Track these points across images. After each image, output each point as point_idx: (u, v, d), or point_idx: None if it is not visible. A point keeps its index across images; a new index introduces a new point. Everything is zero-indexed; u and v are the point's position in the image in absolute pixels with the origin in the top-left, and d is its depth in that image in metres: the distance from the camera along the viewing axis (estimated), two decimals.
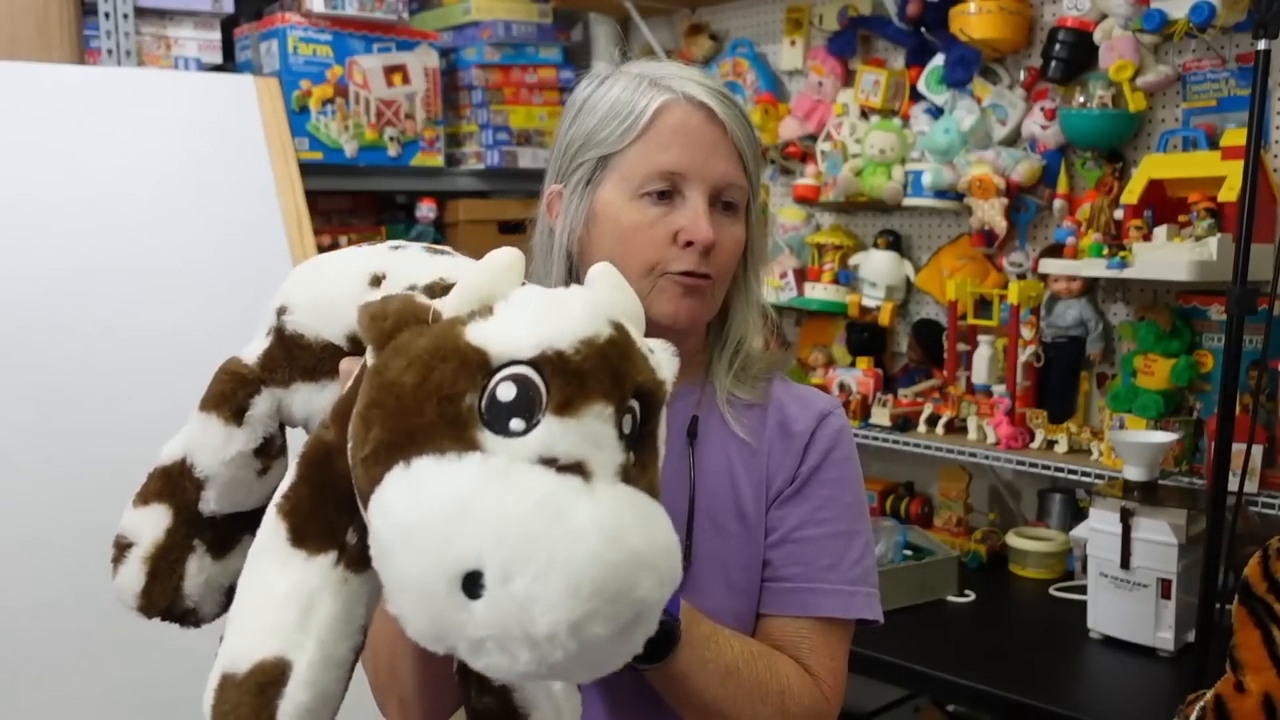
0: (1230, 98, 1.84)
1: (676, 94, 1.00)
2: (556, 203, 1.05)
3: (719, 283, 1.03)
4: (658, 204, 0.99)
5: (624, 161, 1.00)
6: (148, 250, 2.08)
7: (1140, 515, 1.63)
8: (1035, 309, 2.00)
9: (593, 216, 1.02)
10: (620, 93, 1.02)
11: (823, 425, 1.06)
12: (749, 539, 1.04)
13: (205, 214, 2.16)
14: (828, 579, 1.03)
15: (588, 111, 1.03)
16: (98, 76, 2.18)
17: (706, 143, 1.00)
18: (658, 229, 0.99)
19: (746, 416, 1.06)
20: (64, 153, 2.05)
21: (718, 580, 1.02)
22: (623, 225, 1.00)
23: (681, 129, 0.99)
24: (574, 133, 1.04)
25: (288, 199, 2.27)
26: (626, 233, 1.00)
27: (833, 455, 1.06)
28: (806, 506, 1.04)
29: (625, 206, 1.00)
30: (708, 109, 1.00)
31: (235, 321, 2.11)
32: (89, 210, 2.04)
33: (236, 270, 2.16)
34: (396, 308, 0.67)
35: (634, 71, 1.04)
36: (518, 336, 0.63)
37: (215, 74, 2.35)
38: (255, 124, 2.28)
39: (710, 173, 1.00)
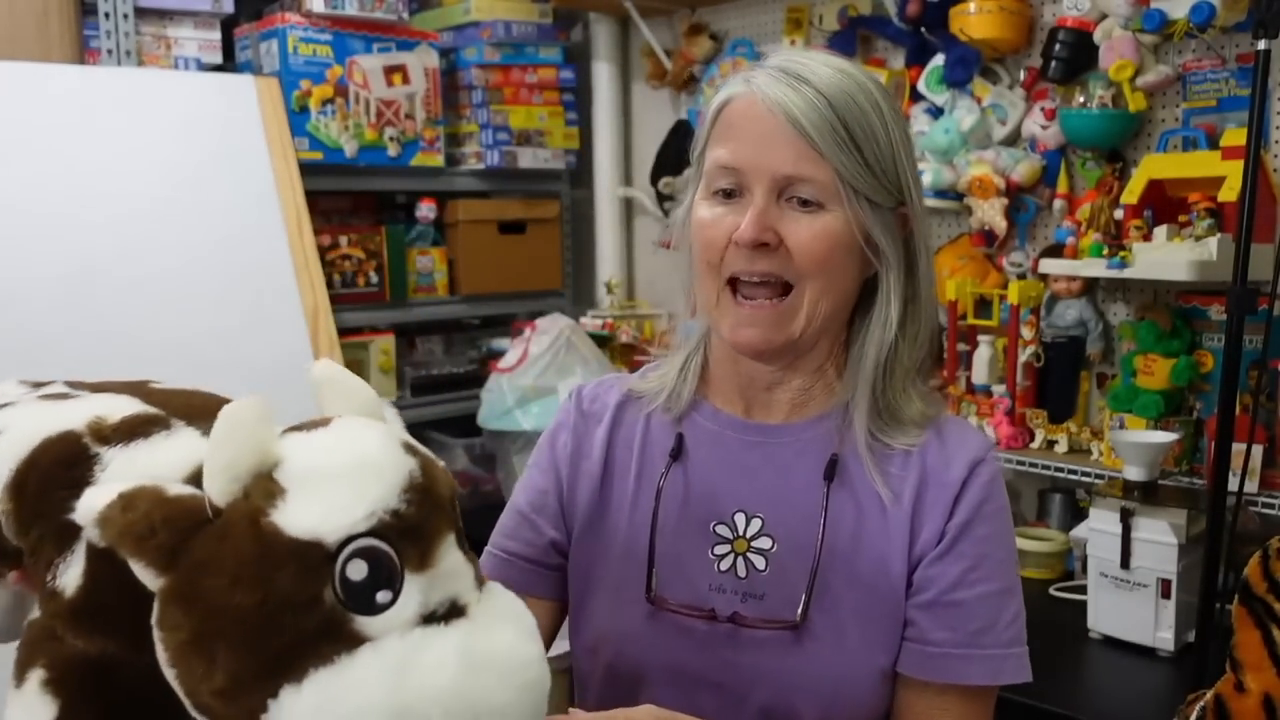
0: (1230, 98, 1.84)
1: (747, 84, 0.94)
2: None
3: (799, 279, 0.93)
4: (723, 203, 0.95)
5: (703, 162, 0.98)
6: (147, 250, 2.08)
7: (1140, 515, 1.63)
8: (1035, 309, 2.00)
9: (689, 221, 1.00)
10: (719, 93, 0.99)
11: (975, 475, 0.96)
12: (889, 591, 0.95)
13: (205, 214, 2.16)
14: (979, 643, 0.94)
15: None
16: (98, 76, 2.18)
17: (764, 133, 0.92)
18: (717, 229, 0.94)
19: (890, 463, 0.97)
20: (64, 153, 2.05)
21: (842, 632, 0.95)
22: (696, 225, 0.97)
23: (739, 121, 0.94)
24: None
25: (288, 199, 2.27)
26: (698, 233, 0.97)
27: (985, 509, 0.96)
28: (958, 567, 0.94)
29: (701, 206, 0.97)
30: (766, 99, 0.92)
31: (235, 321, 2.13)
32: (89, 210, 2.04)
33: (236, 270, 2.16)
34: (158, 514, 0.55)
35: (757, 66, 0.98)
36: (343, 510, 0.56)
37: (215, 74, 2.35)
38: (255, 124, 2.28)
39: (769, 166, 0.91)
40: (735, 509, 0.98)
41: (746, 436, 1.01)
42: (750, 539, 0.97)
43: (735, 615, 0.95)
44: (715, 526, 0.99)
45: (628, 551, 1.00)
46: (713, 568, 0.98)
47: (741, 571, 0.97)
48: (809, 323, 0.94)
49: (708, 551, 0.98)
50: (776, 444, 1.00)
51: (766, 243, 0.91)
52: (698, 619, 0.96)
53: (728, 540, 0.98)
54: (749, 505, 0.98)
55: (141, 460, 0.64)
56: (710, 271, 0.95)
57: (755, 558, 0.97)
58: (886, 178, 0.94)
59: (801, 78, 0.92)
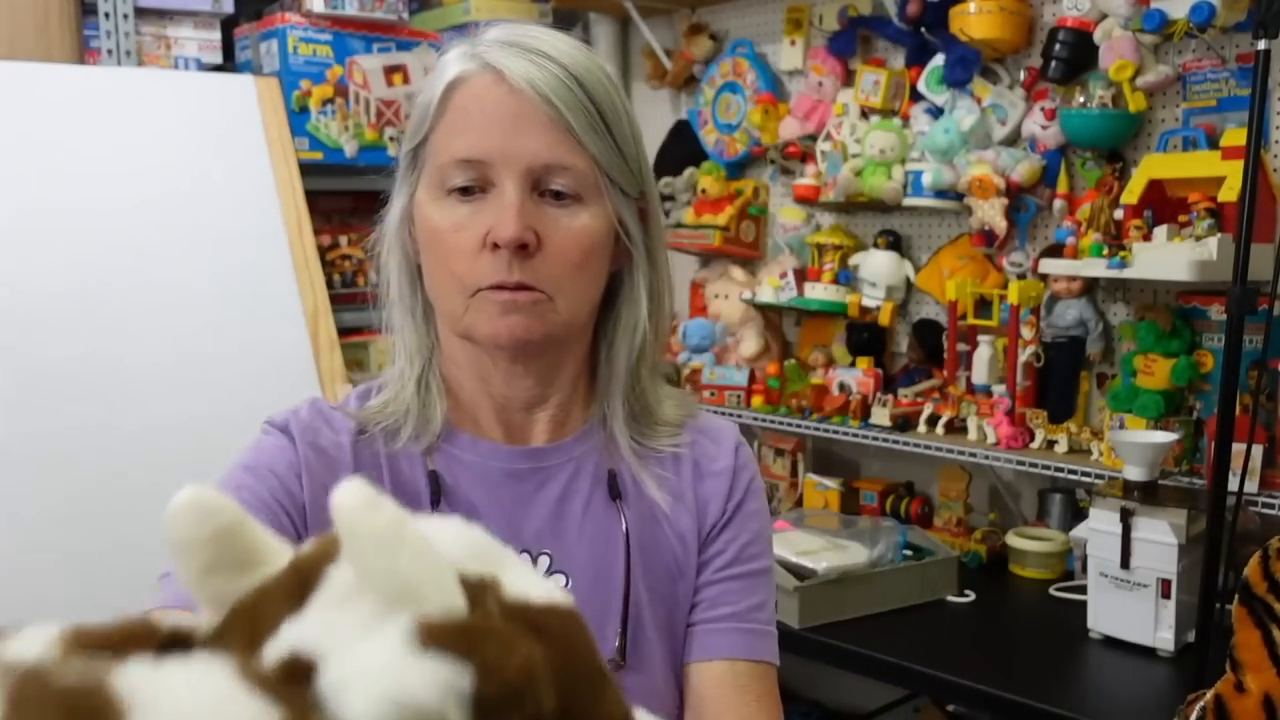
0: (1230, 98, 1.84)
1: (477, 63, 0.81)
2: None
3: (558, 292, 0.82)
4: (464, 201, 0.81)
5: (427, 153, 0.84)
6: (147, 250, 2.08)
7: (1140, 515, 1.63)
8: (1035, 309, 2.00)
9: (414, 224, 0.86)
10: (436, 73, 0.84)
11: (739, 455, 0.94)
12: (685, 598, 0.91)
13: (205, 214, 2.16)
14: (758, 619, 0.91)
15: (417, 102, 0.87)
16: (98, 76, 2.18)
17: (510, 117, 0.79)
18: (466, 233, 0.80)
19: (661, 466, 0.92)
20: (64, 153, 2.05)
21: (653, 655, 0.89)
22: (429, 229, 0.83)
23: (477, 105, 0.80)
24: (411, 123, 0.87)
25: (288, 199, 2.27)
26: (434, 239, 0.83)
27: (753, 485, 0.95)
28: (740, 541, 0.92)
29: (432, 208, 0.82)
30: (507, 78, 0.79)
31: (235, 321, 2.12)
32: (88, 210, 2.04)
33: (236, 270, 2.17)
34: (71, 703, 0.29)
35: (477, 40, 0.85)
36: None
37: (215, 74, 2.35)
38: (255, 124, 2.28)
39: (521, 154, 0.79)
40: (518, 550, 0.82)
41: (514, 465, 0.88)
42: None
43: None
44: None
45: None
46: None
47: None
48: (567, 331, 0.86)
49: None
50: (547, 469, 0.89)
51: (526, 244, 0.79)
52: None
53: None
54: (531, 543, 0.87)
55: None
56: (455, 283, 0.82)
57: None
58: (633, 165, 0.86)
59: (543, 53, 0.81)
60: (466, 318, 0.82)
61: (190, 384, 2.04)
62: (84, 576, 1.84)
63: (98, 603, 1.84)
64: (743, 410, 2.37)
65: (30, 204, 1.99)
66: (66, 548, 1.84)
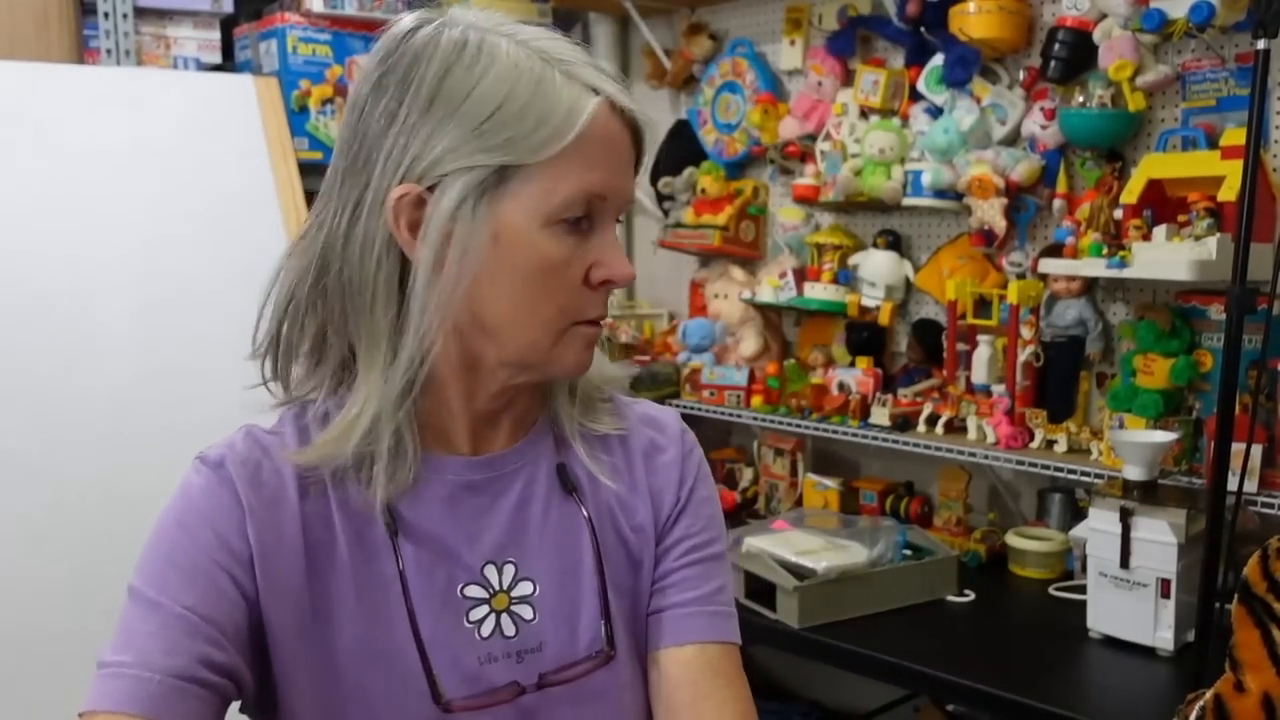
0: (1230, 97, 1.84)
1: (604, 95, 0.78)
2: (409, 213, 0.77)
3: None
4: (570, 233, 0.78)
5: (539, 177, 0.76)
6: (147, 250, 2.08)
7: (1140, 515, 1.63)
8: (1035, 309, 2.00)
9: (489, 245, 0.77)
10: (519, 78, 0.76)
11: (684, 442, 0.94)
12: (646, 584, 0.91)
13: (205, 214, 2.16)
14: (721, 600, 0.92)
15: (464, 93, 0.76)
16: (98, 76, 2.18)
17: (624, 158, 0.81)
18: (574, 267, 0.79)
19: (607, 452, 0.91)
20: (64, 152, 2.05)
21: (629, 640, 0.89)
22: (537, 261, 0.78)
23: (608, 142, 0.79)
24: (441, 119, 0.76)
25: (287, 199, 2.27)
26: (541, 271, 0.78)
27: (701, 470, 0.95)
28: (697, 526, 0.92)
29: (537, 236, 0.77)
30: (628, 116, 0.80)
31: (234, 322, 2.12)
32: (88, 210, 2.05)
33: (236, 270, 2.16)
34: None
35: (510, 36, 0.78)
36: None
37: (215, 74, 2.35)
38: (255, 124, 2.28)
39: (624, 195, 0.81)
40: (482, 563, 0.84)
41: (471, 477, 0.86)
42: (509, 590, 0.85)
43: (542, 678, 0.83)
44: (464, 590, 0.84)
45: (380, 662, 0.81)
46: (473, 638, 0.83)
47: (509, 630, 0.84)
48: None
49: (463, 622, 0.83)
50: (503, 475, 0.87)
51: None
52: (502, 703, 0.82)
53: (483, 600, 0.84)
54: (496, 554, 0.85)
55: None
56: (555, 315, 0.80)
57: (520, 608, 0.85)
58: None
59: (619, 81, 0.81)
60: (555, 349, 0.81)
61: (189, 383, 2.04)
62: (82, 577, 1.84)
63: (97, 603, 1.84)
64: (742, 410, 2.37)
65: (30, 203, 1.99)
66: (62, 548, 1.84)
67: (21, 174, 2.00)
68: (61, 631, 1.81)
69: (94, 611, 1.84)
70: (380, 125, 0.78)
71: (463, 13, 0.80)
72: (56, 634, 1.80)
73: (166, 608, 0.77)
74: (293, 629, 0.80)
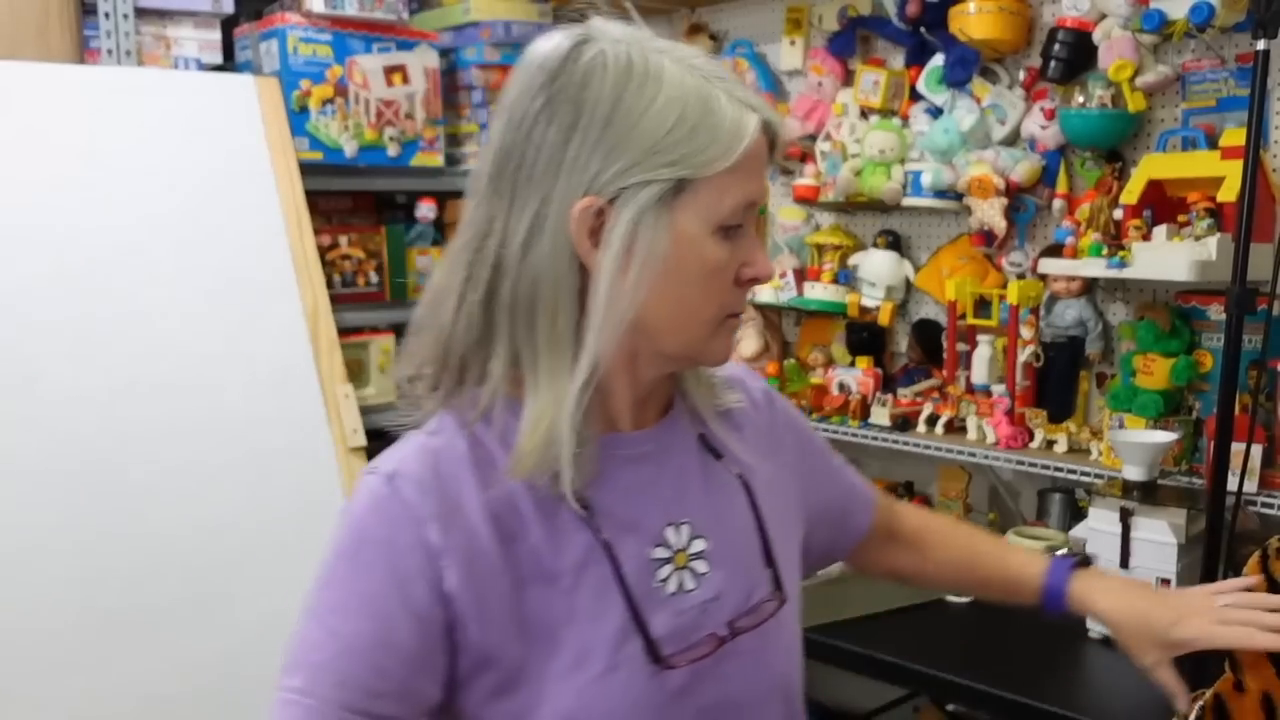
0: (1230, 98, 1.84)
1: (758, 113, 0.86)
2: (590, 222, 0.82)
3: None
4: (728, 237, 0.86)
5: (710, 189, 0.83)
6: (147, 250, 2.08)
7: (1140, 515, 1.63)
8: (1035, 309, 2.00)
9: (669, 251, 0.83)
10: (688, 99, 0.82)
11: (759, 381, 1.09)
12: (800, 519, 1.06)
13: (205, 214, 2.16)
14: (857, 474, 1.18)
15: (639, 112, 0.82)
16: (98, 76, 2.18)
17: (766, 166, 0.90)
18: (729, 268, 0.87)
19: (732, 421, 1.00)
20: (63, 152, 2.05)
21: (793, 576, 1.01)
22: (709, 264, 0.85)
23: (760, 154, 0.87)
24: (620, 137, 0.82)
25: (288, 199, 2.27)
26: (710, 273, 0.86)
27: (780, 398, 1.11)
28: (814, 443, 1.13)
29: (708, 242, 0.85)
30: (771, 129, 0.88)
31: (235, 321, 2.13)
32: (88, 210, 2.04)
33: (236, 270, 2.17)
34: None
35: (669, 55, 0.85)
36: None
37: (215, 74, 2.35)
38: (255, 124, 2.28)
39: (765, 199, 0.96)
40: (662, 525, 0.91)
41: (638, 450, 0.92)
42: (687, 549, 0.92)
43: (732, 625, 0.91)
44: (651, 553, 0.90)
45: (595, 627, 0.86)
46: (664, 596, 0.89)
47: (690, 585, 0.91)
48: None
49: (653, 583, 0.89)
50: (662, 447, 0.94)
51: None
52: (706, 656, 0.89)
53: (667, 560, 0.91)
54: (672, 516, 0.92)
55: None
56: (715, 312, 0.88)
57: (697, 563, 0.92)
58: None
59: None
60: (711, 342, 0.89)
61: (190, 383, 2.04)
62: (84, 580, 1.84)
63: (97, 605, 1.84)
64: None
65: (30, 203, 1.99)
66: (66, 552, 1.84)
67: (21, 174, 2.00)
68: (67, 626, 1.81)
69: (94, 610, 1.84)
70: (557, 142, 0.82)
71: (608, 28, 0.86)
72: (54, 634, 1.80)
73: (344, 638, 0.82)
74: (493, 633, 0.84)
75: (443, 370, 0.89)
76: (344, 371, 2.25)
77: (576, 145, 0.82)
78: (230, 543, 1.98)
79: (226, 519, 1.99)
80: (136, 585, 1.87)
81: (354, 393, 2.23)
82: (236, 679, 1.92)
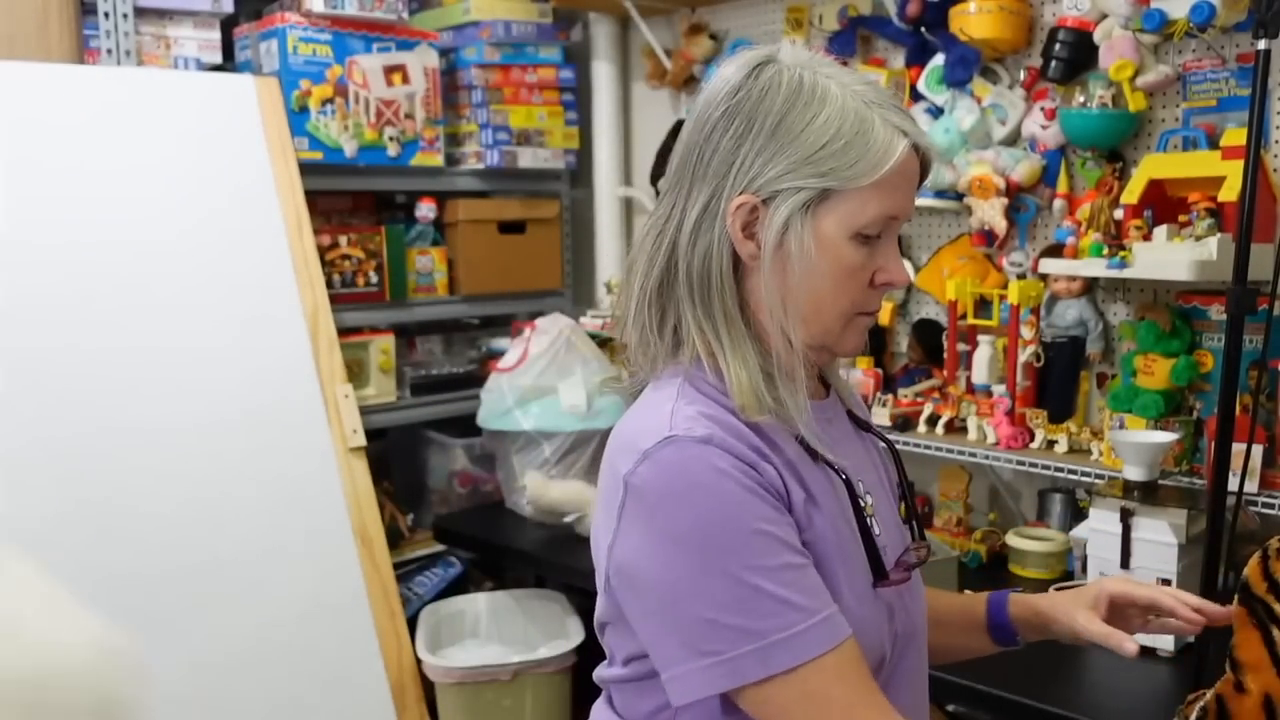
0: (1230, 98, 1.84)
1: (908, 137, 0.96)
2: (745, 217, 0.96)
3: None
4: (865, 244, 0.97)
5: (852, 200, 0.95)
6: (147, 250, 2.08)
7: (1140, 515, 1.63)
8: (1035, 309, 2.00)
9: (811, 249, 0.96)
10: (844, 119, 0.94)
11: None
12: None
13: (205, 214, 2.16)
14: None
15: (800, 127, 0.94)
16: (98, 76, 2.18)
17: (915, 185, 1.00)
18: (865, 271, 0.98)
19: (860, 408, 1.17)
20: (63, 152, 2.05)
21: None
22: (843, 265, 0.96)
23: (907, 174, 0.97)
24: (781, 147, 0.94)
25: (287, 199, 2.27)
26: (844, 273, 0.97)
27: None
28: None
29: (845, 246, 0.96)
30: (921, 153, 0.98)
31: (235, 321, 2.13)
32: (88, 210, 2.04)
33: (236, 270, 2.17)
34: None
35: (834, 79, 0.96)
36: None
37: (215, 74, 2.35)
38: (255, 124, 2.28)
39: (910, 213, 1.01)
40: (858, 479, 1.04)
41: (824, 415, 1.05)
42: (865, 499, 1.05)
43: (905, 564, 1.05)
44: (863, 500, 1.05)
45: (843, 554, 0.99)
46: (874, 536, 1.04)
47: (877, 530, 1.04)
48: None
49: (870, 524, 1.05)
50: (834, 416, 1.09)
51: None
52: (901, 582, 1.03)
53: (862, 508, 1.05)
54: (855, 474, 1.04)
55: None
56: (847, 308, 0.99)
57: (875, 516, 1.06)
58: None
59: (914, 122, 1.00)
60: (843, 334, 1.01)
61: (190, 383, 2.04)
62: (84, 579, 1.84)
63: (97, 604, 1.84)
64: None
65: (30, 203, 1.99)
66: (67, 547, 1.84)
67: (21, 174, 2.00)
68: None
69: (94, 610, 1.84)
70: (730, 145, 0.96)
71: (793, 53, 0.99)
72: None
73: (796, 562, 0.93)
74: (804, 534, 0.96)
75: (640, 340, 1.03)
76: (344, 371, 2.25)
77: (745, 149, 0.95)
78: (230, 542, 1.98)
79: (226, 518, 1.99)
80: (136, 585, 1.87)
81: (354, 393, 2.23)
82: (237, 678, 1.93)
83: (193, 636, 1.90)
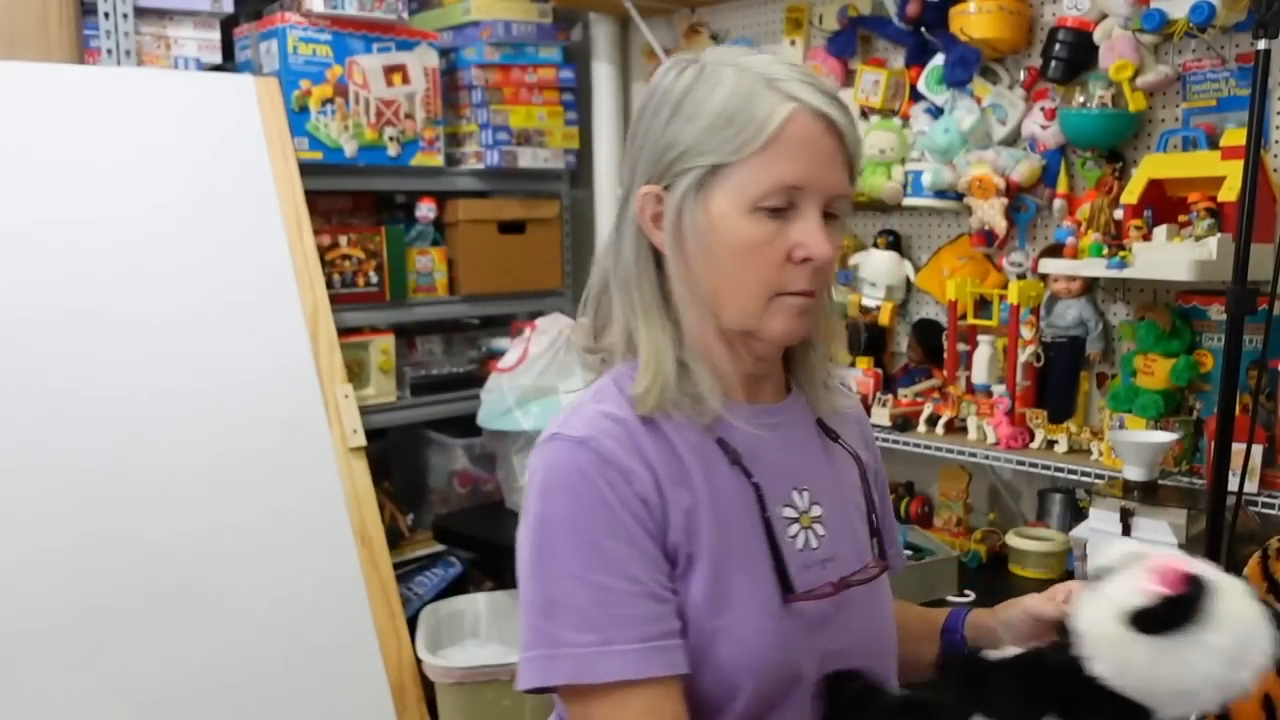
0: (1230, 97, 1.83)
1: (800, 103, 0.94)
2: (652, 207, 0.99)
3: (823, 295, 1.03)
4: (772, 219, 0.95)
5: (740, 172, 0.95)
6: (146, 250, 2.08)
7: (1140, 515, 1.63)
8: (1035, 309, 2.00)
9: (705, 229, 0.96)
10: (732, 96, 0.95)
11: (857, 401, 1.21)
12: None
13: (205, 214, 2.16)
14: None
15: (692, 112, 0.96)
16: (98, 76, 2.18)
17: (825, 154, 0.96)
18: (775, 246, 0.96)
19: (844, 421, 1.12)
20: (63, 152, 2.05)
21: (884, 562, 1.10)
22: (738, 241, 0.96)
23: (805, 141, 0.95)
24: (675, 133, 0.97)
25: (287, 199, 2.27)
26: (743, 249, 0.96)
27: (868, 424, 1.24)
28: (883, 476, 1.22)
29: (740, 221, 0.95)
30: (827, 119, 0.95)
31: (235, 321, 2.12)
32: (88, 210, 2.04)
33: (236, 270, 2.17)
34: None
35: (737, 65, 0.97)
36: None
37: (215, 74, 2.35)
38: (255, 124, 2.28)
39: (826, 185, 0.97)
40: (789, 488, 1.03)
41: (765, 420, 1.03)
42: (809, 511, 1.03)
43: (843, 581, 1.01)
44: (783, 510, 1.02)
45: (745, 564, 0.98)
46: (794, 548, 1.01)
47: (813, 543, 1.02)
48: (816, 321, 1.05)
49: (785, 535, 1.01)
50: (784, 421, 1.06)
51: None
52: (825, 597, 1.00)
53: (794, 519, 1.02)
54: (797, 481, 1.04)
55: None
56: (758, 288, 0.97)
57: (817, 526, 1.03)
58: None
59: (839, 100, 0.98)
60: (764, 317, 0.98)
61: (189, 383, 2.04)
62: (84, 579, 1.84)
63: (97, 604, 1.84)
64: None
65: (30, 203, 1.99)
66: (66, 551, 1.84)
67: (21, 174, 2.00)
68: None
69: (94, 609, 1.84)
70: (640, 139, 1.00)
71: (717, 52, 0.99)
72: (55, 630, 1.80)
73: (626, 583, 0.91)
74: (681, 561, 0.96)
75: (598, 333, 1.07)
76: (344, 371, 2.25)
77: (651, 142, 0.98)
78: (230, 542, 1.98)
79: (226, 519, 1.99)
80: (136, 585, 1.87)
81: (354, 393, 2.23)
82: (236, 678, 1.93)
83: (193, 636, 1.90)
